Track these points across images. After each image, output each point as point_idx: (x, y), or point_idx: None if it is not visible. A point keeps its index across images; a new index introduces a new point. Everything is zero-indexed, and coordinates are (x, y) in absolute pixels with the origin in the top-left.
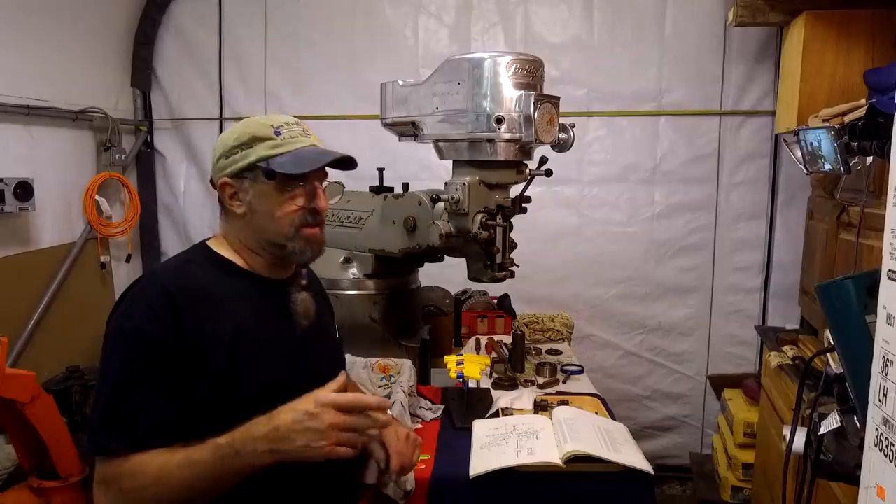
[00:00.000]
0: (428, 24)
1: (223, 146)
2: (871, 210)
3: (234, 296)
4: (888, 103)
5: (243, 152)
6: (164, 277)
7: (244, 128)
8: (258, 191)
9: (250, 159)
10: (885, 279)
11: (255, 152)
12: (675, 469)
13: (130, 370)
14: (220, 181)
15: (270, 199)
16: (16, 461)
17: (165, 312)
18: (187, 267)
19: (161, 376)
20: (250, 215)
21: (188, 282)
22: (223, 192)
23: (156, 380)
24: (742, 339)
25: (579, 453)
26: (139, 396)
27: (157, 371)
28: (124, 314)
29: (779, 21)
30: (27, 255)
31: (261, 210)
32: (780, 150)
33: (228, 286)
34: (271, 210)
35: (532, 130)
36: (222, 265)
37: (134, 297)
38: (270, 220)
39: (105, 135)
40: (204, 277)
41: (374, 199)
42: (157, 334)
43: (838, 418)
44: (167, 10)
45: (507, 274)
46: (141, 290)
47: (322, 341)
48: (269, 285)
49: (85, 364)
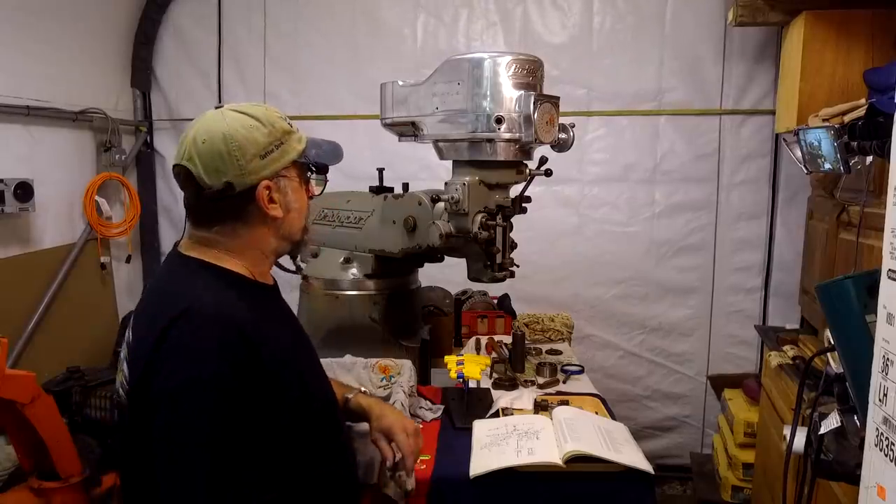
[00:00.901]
0: (427, 24)
1: (255, 145)
2: (871, 210)
3: (266, 313)
4: (888, 103)
5: (280, 149)
6: (219, 308)
7: (268, 121)
8: (293, 188)
9: (290, 156)
10: (885, 279)
11: (291, 148)
12: (676, 469)
13: (222, 426)
14: (259, 184)
15: (299, 194)
16: (16, 462)
17: (240, 350)
18: (223, 293)
19: (247, 425)
20: (284, 216)
21: (237, 310)
22: (261, 196)
23: (243, 432)
24: (742, 339)
25: (580, 453)
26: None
27: (243, 421)
28: (191, 359)
29: (778, 21)
30: (27, 256)
31: (295, 208)
32: (781, 149)
33: (257, 304)
34: (301, 206)
35: (532, 130)
36: (238, 282)
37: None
38: (299, 217)
39: (105, 135)
40: (240, 300)
41: (374, 199)
42: (235, 372)
43: (838, 418)
44: (167, 11)
45: (507, 274)
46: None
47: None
48: (271, 291)
49: (85, 365)
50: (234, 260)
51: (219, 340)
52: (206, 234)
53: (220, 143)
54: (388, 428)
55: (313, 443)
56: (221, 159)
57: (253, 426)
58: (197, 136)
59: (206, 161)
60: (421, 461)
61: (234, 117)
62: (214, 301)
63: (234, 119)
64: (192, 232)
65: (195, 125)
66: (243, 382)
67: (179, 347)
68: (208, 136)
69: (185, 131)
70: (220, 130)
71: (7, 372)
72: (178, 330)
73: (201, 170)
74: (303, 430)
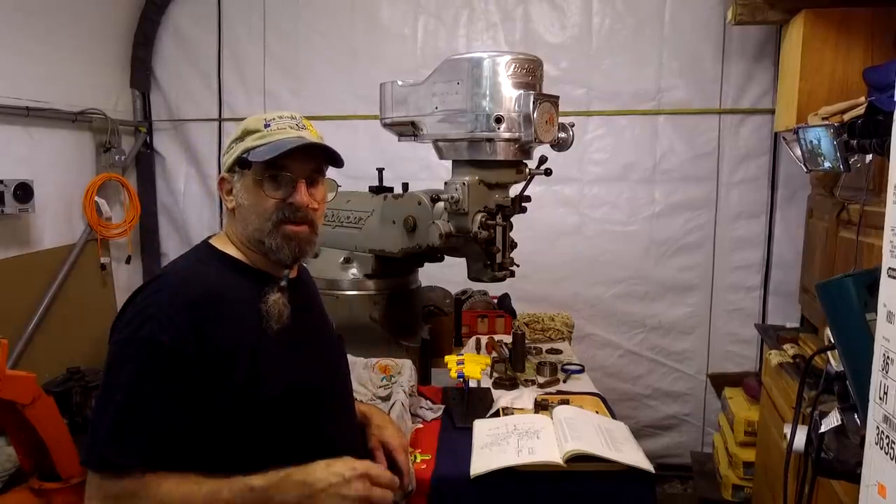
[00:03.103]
0: (427, 24)
1: (228, 143)
2: (871, 208)
3: (245, 297)
4: (887, 101)
5: (236, 146)
6: (178, 281)
7: (244, 123)
8: (243, 184)
9: (237, 153)
10: (885, 277)
11: (242, 145)
12: (676, 468)
13: (145, 380)
14: (219, 177)
15: (251, 192)
16: (17, 463)
17: (183, 320)
18: (198, 268)
19: (177, 388)
20: (238, 210)
21: (203, 286)
22: (221, 187)
23: (172, 391)
24: (742, 338)
25: (580, 452)
26: (155, 409)
27: (173, 382)
28: (135, 321)
29: (778, 19)
30: (27, 257)
31: (245, 204)
32: (780, 148)
33: (238, 285)
34: (252, 203)
35: (531, 130)
36: (228, 262)
37: (146, 303)
38: (252, 214)
39: (104, 136)
40: (216, 278)
41: (374, 199)
42: (173, 343)
43: (839, 416)
44: (166, 11)
45: (507, 273)
46: (154, 294)
47: (327, 338)
48: (266, 278)
49: (85, 365)
50: (225, 241)
51: (161, 307)
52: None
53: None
54: (388, 442)
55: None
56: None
57: (186, 393)
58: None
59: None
60: (421, 461)
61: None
62: (178, 272)
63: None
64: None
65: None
66: (179, 349)
67: (133, 307)
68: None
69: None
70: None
71: (7, 373)
72: (142, 292)
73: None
74: (249, 417)
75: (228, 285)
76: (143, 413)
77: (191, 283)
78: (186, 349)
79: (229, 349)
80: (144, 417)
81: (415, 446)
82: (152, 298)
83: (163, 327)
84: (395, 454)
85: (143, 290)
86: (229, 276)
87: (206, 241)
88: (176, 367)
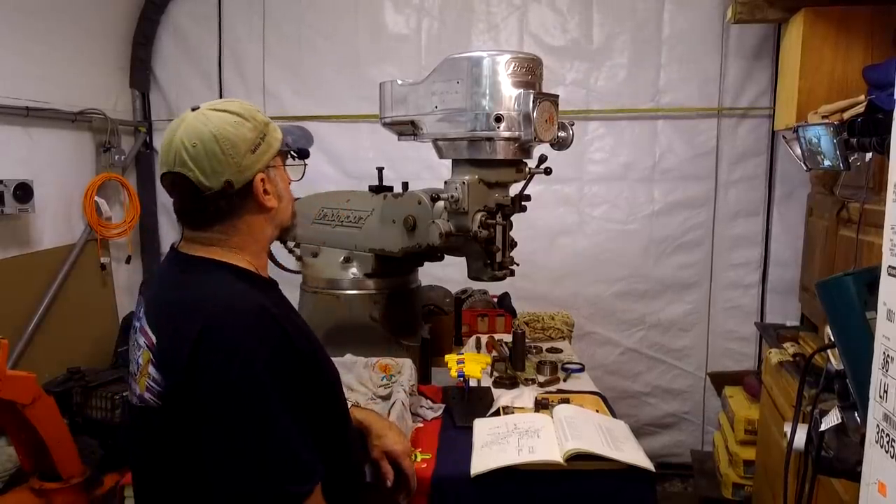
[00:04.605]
0: (429, 25)
1: (245, 141)
2: (871, 206)
3: (277, 303)
4: (887, 99)
5: (265, 141)
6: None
7: (250, 115)
8: (281, 177)
9: (275, 146)
10: (885, 275)
11: (273, 138)
12: (677, 466)
13: (285, 411)
14: (256, 178)
15: (286, 182)
16: (17, 463)
17: (281, 341)
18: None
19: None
20: (279, 205)
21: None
22: (258, 189)
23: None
24: (741, 335)
25: (580, 451)
26: (299, 433)
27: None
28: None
29: (777, 18)
30: (27, 257)
31: (286, 196)
32: (777, 147)
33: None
34: (289, 193)
35: (531, 129)
36: (247, 277)
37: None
38: (289, 204)
39: (104, 136)
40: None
41: (374, 198)
42: (287, 366)
43: (839, 415)
44: (165, 11)
45: (507, 272)
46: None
47: None
48: (273, 284)
49: (85, 365)
50: (237, 256)
51: (260, 330)
52: (206, 234)
53: (212, 145)
54: (392, 451)
55: (334, 416)
56: (217, 160)
57: (301, 404)
58: (185, 140)
59: (203, 165)
60: (422, 460)
61: (218, 117)
62: (241, 295)
63: (219, 118)
64: (190, 234)
65: (178, 130)
66: (287, 364)
67: (225, 344)
68: (198, 139)
69: (167, 137)
70: (209, 132)
71: (8, 373)
72: (217, 329)
73: (199, 174)
74: (333, 410)
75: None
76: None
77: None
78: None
79: (308, 346)
80: (296, 443)
81: (415, 445)
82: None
83: (272, 349)
84: (400, 461)
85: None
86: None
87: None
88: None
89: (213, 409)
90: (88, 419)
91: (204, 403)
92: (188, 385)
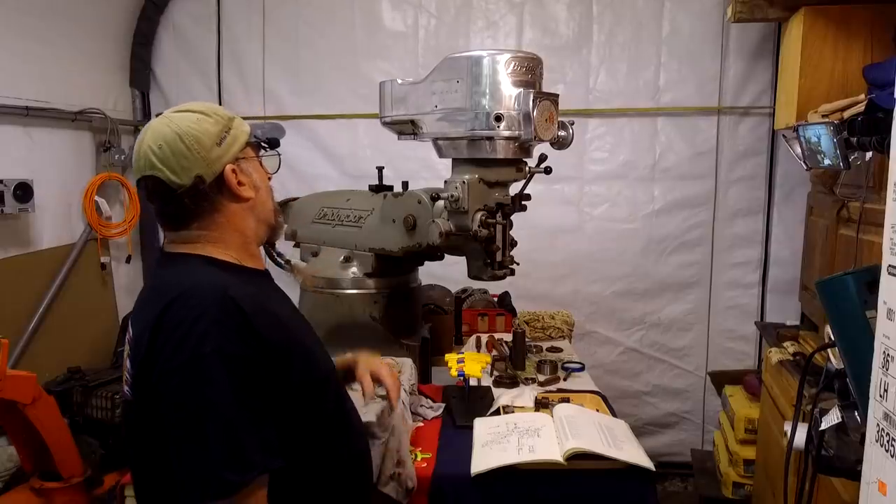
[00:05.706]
0: (428, 24)
1: (209, 136)
2: (871, 205)
3: (260, 290)
4: (887, 98)
5: (231, 134)
6: (211, 284)
7: (212, 111)
8: (254, 167)
9: (242, 137)
10: (885, 274)
11: (239, 131)
12: (677, 466)
13: (230, 396)
14: (226, 170)
15: (260, 173)
16: (18, 462)
17: (237, 318)
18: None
19: (256, 397)
20: (256, 195)
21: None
22: (230, 179)
23: (254, 402)
24: (741, 334)
25: (580, 451)
26: (247, 421)
27: (251, 392)
28: (194, 338)
29: (777, 17)
30: (27, 257)
31: (262, 186)
32: (777, 146)
33: (250, 283)
34: (266, 185)
35: (531, 128)
36: (228, 267)
37: (193, 318)
38: (268, 196)
39: (104, 135)
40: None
41: (374, 198)
42: (243, 352)
43: (839, 414)
44: (165, 10)
45: (508, 272)
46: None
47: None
48: (262, 274)
49: (86, 365)
50: (219, 249)
51: (215, 314)
52: (187, 232)
53: (177, 143)
54: (376, 369)
55: (319, 413)
56: (185, 157)
57: (260, 394)
58: (151, 144)
59: (171, 164)
60: (422, 459)
61: (180, 117)
62: (207, 280)
63: (181, 118)
64: (172, 235)
65: (143, 137)
66: (244, 351)
67: (178, 327)
68: (163, 140)
69: (136, 146)
70: (173, 132)
71: (8, 373)
72: (174, 311)
73: (169, 173)
74: (309, 400)
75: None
76: (240, 428)
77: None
78: (254, 355)
79: (279, 335)
80: (242, 432)
81: (415, 445)
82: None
83: (226, 338)
84: (379, 375)
85: (169, 310)
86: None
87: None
88: (249, 374)
89: (161, 390)
90: (89, 419)
91: (155, 386)
92: (148, 370)
